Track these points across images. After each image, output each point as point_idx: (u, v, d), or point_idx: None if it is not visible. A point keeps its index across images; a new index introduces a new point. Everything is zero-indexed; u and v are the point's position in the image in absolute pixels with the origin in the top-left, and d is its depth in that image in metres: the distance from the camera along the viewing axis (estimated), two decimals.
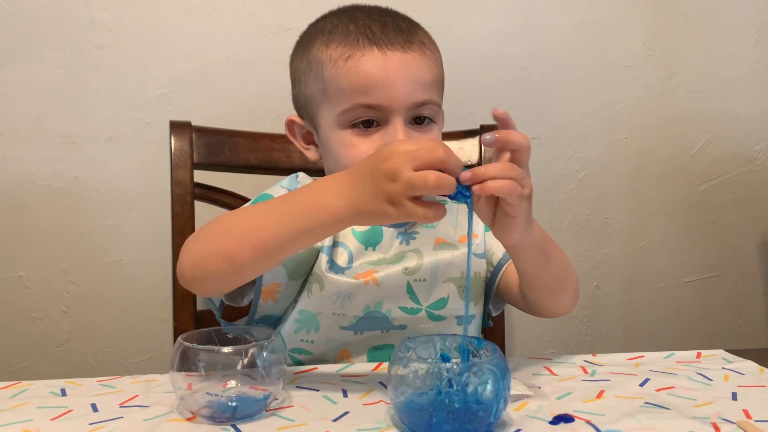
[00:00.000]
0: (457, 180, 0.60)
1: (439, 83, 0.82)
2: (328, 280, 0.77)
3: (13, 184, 1.36)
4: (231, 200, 1.10)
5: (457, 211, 0.72)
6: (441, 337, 0.62)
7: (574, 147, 1.53)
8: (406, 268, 0.80)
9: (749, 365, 0.77)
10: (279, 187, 0.84)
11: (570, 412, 0.63)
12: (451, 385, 0.54)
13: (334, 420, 0.61)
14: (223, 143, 1.10)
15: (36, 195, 1.37)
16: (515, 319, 1.55)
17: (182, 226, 1.06)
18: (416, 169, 0.58)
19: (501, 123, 0.64)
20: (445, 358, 0.61)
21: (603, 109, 1.53)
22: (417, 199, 0.59)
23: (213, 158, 1.09)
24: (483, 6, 1.47)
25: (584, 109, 1.52)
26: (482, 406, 0.55)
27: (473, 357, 0.60)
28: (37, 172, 1.37)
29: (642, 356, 0.80)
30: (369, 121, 0.78)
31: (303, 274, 0.78)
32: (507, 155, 0.63)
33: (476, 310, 0.85)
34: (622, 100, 1.53)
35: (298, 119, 0.85)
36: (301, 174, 0.86)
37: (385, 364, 0.76)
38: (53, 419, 0.62)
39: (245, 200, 1.10)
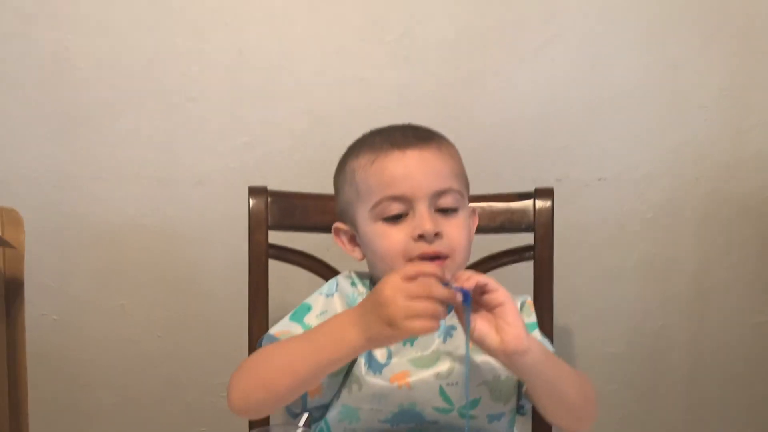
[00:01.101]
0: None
1: (458, 175, 0.92)
2: (365, 382, 0.88)
3: (113, 222, 1.52)
4: (301, 259, 1.21)
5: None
6: None
7: (642, 188, 1.54)
8: (438, 373, 0.88)
9: None
10: (318, 294, 0.95)
11: None
12: None
13: None
14: (295, 207, 1.20)
15: (133, 232, 1.53)
16: (580, 356, 1.59)
17: (258, 283, 1.19)
18: (407, 298, 0.70)
19: None
20: None
21: (673, 150, 1.53)
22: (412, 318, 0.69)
23: (285, 221, 1.20)
24: (551, 49, 1.49)
25: (653, 150, 1.53)
26: None
27: None
28: (135, 212, 1.52)
29: None
30: (397, 216, 0.88)
31: (342, 371, 0.89)
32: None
33: (506, 408, 0.92)
34: (694, 141, 1.53)
35: (342, 225, 0.95)
36: (340, 278, 0.97)
37: None
38: None
39: (313, 259, 1.22)
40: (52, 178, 1.51)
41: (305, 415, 1.04)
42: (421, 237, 0.85)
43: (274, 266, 1.21)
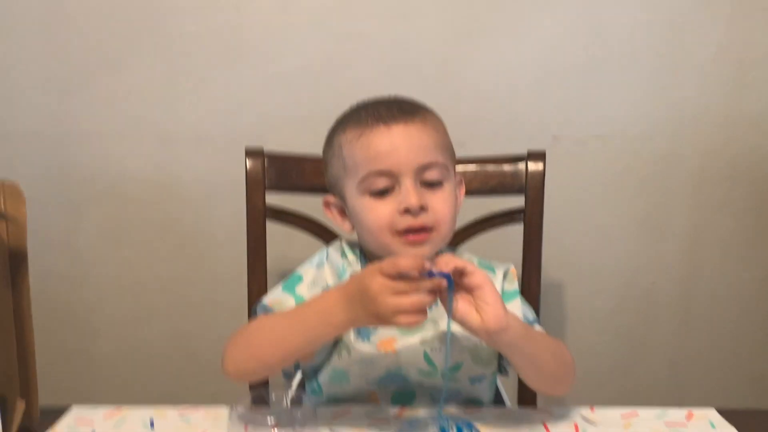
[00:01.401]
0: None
1: (443, 148, 0.93)
2: (354, 348, 0.92)
3: (118, 178, 1.56)
4: (298, 220, 1.24)
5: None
6: (441, 417, 0.75)
7: (638, 145, 1.55)
8: (423, 340, 0.92)
9: None
10: (309, 265, 0.97)
11: None
12: None
13: None
14: (291, 169, 1.22)
15: (137, 188, 1.56)
16: (571, 310, 1.64)
17: (256, 244, 1.22)
18: (394, 295, 0.73)
19: None
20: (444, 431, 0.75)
21: (670, 108, 1.53)
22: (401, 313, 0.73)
23: (282, 182, 1.22)
24: (549, 7, 1.48)
25: (650, 108, 1.53)
26: None
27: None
28: (138, 167, 1.55)
29: (636, 414, 0.90)
30: (383, 191, 0.90)
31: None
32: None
33: (487, 370, 0.97)
34: (691, 99, 1.53)
35: (331, 198, 0.98)
36: (330, 249, 1.00)
37: (408, 408, 0.91)
38: None
39: (310, 220, 1.25)
40: (53, 134, 1.53)
41: (298, 376, 1.09)
42: (406, 211, 0.87)
43: (273, 225, 1.24)
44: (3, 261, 0.82)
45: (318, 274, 0.95)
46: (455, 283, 0.76)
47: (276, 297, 0.93)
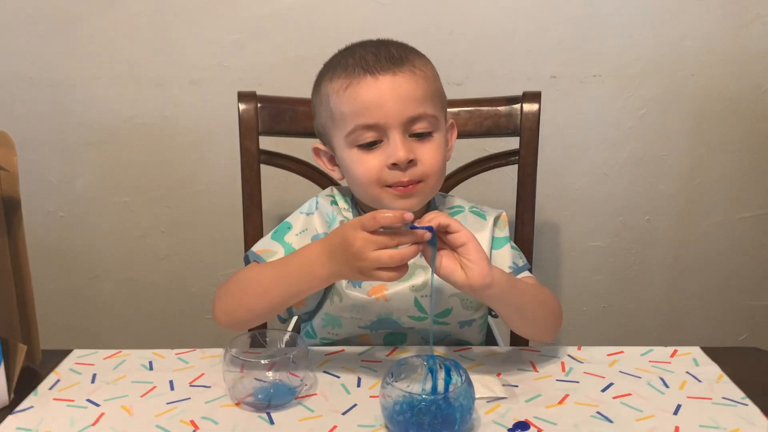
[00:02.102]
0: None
1: (432, 97, 0.90)
2: (345, 295, 0.94)
3: (113, 122, 1.55)
4: (292, 164, 1.24)
5: (463, 222, 0.87)
6: (429, 357, 0.78)
7: (636, 84, 1.53)
8: (413, 286, 0.93)
9: (711, 371, 0.87)
10: (298, 213, 0.98)
11: (530, 418, 0.77)
12: (422, 413, 0.71)
13: (343, 413, 0.79)
14: (285, 112, 1.22)
15: (132, 132, 1.56)
16: (566, 250, 1.65)
17: (251, 189, 1.22)
18: (376, 250, 0.74)
19: None
20: (433, 371, 0.77)
21: (669, 45, 1.51)
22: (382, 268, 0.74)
23: (275, 127, 1.22)
24: None
25: (650, 45, 1.51)
26: (448, 423, 0.71)
27: (454, 373, 0.75)
28: (132, 111, 1.55)
29: (621, 352, 0.92)
30: (372, 143, 0.88)
31: None
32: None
33: (477, 314, 0.98)
34: (691, 36, 1.50)
35: (321, 145, 0.97)
36: (320, 197, 1.00)
37: (399, 348, 0.93)
38: (143, 396, 0.83)
39: (306, 164, 1.25)
40: (47, 78, 1.52)
41: (293, 320, 1.12)
42: (394, 165, 0.87)
43: (268, 169, 1.25)
44: None
45: (307, 222, 0.96)
46: (440, 240, 0.76)
47: (265, 245, 0.94)
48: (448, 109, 1.05)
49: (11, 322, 0.88)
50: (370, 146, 0.88)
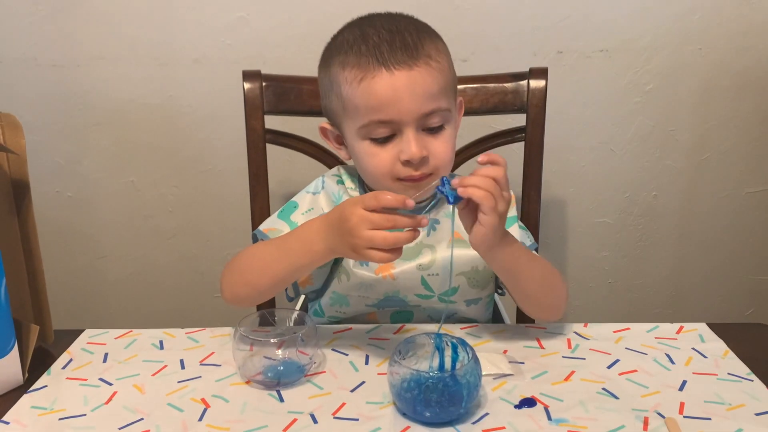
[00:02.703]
0: (449, 184, 0.75)
1: (447, 89, 0.89)
2: (353, 273, 0.94)
3: (118, 102, 1.55)
4: (298, 143, 1.24)
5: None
6: (437, 335, 0.79)
7: (644, 59, 1.52)
8: (420, 265, 0.94)
9: (717, 347, 0.87)
10: (305, 192, 0.98)
11: (536, 395, 0.78)
12: (430, 390, 0.72)
13: (352, 390, 0.80)
14: (290, 91, 1.22)
15: (138, 112, 1.56)
16: (572, 226, 1.65)
17: (257, 169, 1.22)
18: (371, 229, 0.74)
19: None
20: (440, 349, 0.78)
21: (677, 19, 1.49)
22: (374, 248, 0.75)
23: (280, 106, 1.21)
24: None
25: (656, 20, 1.49)
26: (455, 400, 0.72)
27: (461, 350, 0.76)
28: (137, 91, 1.55)
29: (627, 328, 0.92)
30: (385, 137, 0.88)
31: (329, 263, 0.96)
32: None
33: (483, 293, 0.99)
34: (699, 9, 1.48)
35: (328, 125, 0.96)
36: (326, 176, 1.00)
37: (406, 326, 0.94)
38: (153, 374, 0.84)
39: (311, 143, 1.25)
40: (51, 59, 1.52)
41: (301, 299, 1.13)
42: (408, 162, 0.86)
43: (275, 148, 1.25)
44: (7, 191, 0.83)
45: (314, 201, 0.96)
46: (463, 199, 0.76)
47: (272, 224, 0.95)
48: None
49: (23, 303, 0.89)
50: (383, 140, 0.88)
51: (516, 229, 0.96)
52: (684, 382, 0.80)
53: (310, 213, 0.95)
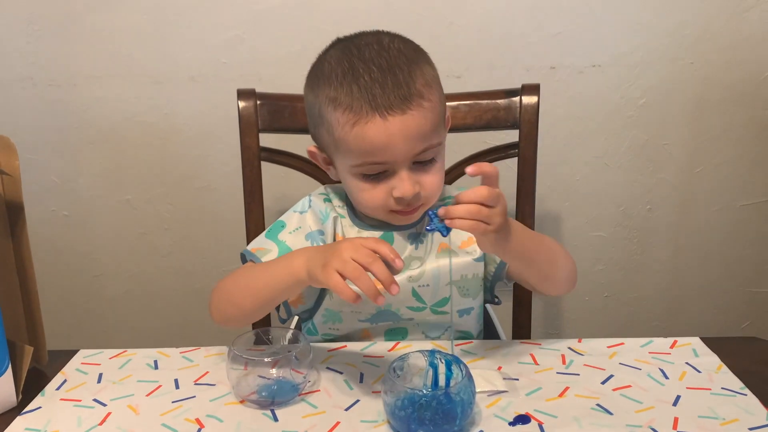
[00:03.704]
0: (436, 215, 0.76)
1: (438, 123, 0.89)
2: None
3: (113, 120, 1.56)
4: (293, 161, 1.24)
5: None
6: (431, 352, 0.79)
7: (636, 74, 1.53)
8: (411, 276, 0.94)
9: (711, 361, 0.87)
10: (292, 212, 0.99)
11: (531, 411, 0.78)
12: (424, 408, 0.72)
13: (346, 409, 0.80)
14: (284, 109, 1.22)
15: (133, 130, 1.57)
16: (567, 240, 1.66)
17: (251, 187, 1.23)
18: (352, 258, 0.74)
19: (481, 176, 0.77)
20: (434, 366, 0.78)
21: (669, 35, 1.51)
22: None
23: (275, 124, 1.22)
24: None
25: (648, 34, 1.51)
26: (449, 418, 0.72)
27: (454, 367, 0.76)
28: (132, 109, 1.55)
29: (621, 343, 0.93)
30: (378, 174, 0.88)
31: None
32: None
33: (475, 303, 1.00)
34: (691, 24, 1.50)
35: (316, 150, 0.96)
36: (312, 195, 1.01)
37: (400, 344, 0.94)
38: (148, 395, 0.84)
39: (306, 160, 1.25)
40: (47, 78, 1.53)
41: (295, 319, 1.13)
42: (400, 198, 0.88)
43: (269, 165, 1.25)
44: (1, 213, 0.83)
45: (301, 221, 0.97)
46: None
47: (260, 244, 0.96)
48: (447, 103, 1.05)
49: (17, 325, 0.89)
50: (375, 176, 0.89)
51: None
52: (678, 397, 0.80)
53: (298, 231, 0.96)
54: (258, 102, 1.21)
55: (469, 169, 0.75)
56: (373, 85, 0.84)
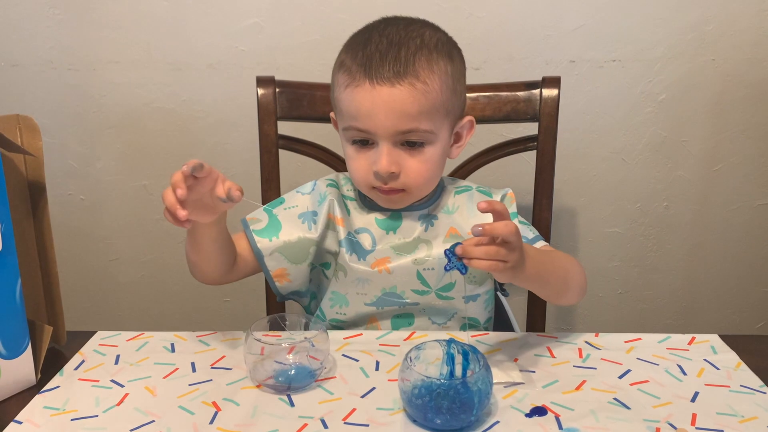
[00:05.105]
0: (454, 253, 0.74)
1: (431, 111, 0.88)
2: (350, 268, 0.96)
3: (132, 106, 1.57)
4: (310, 149, 1.24)
5: (470, 200, 0.96)
6: (448, 342, 0.79)
7: (656, 69, 1.52)
8: (416, 260, 0.95)
9: (729, 359, 0.87)
10: (295, 192, 1.02)
11: (547, 403, 0.77)
12: (440, 397, 0.72)
13: (362, 396, 0.80)
14: (303, 97, 1.22)
15: (151, 116, 1.57)
16: (583, 236, 1.65)
17: (269, 174, 1.23)
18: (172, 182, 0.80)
19: (491, 213, 0.75)
20: (450, 357, 0.78)
21: (690, 30, 1.49)
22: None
23: (293, 112, 1.22)
24: None
25: (670, 30, 1.49)
26: (466, 407, 0.72)
27: (471, 357, 0.76)
28: (151, 96, 1.56)
29: (639, 339, 0.92)
30: (365, 141, 0.91)
31: (303, 260, 0.97)
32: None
33: (481, 290, 0.99)
34: (713, 20, 1.48)
35: (333, 116, 1.00)
36: (320, 179, 1.03)
37: (416, 333, 0.94)
38: (165, 377, 0.85)
39: (323, 149, 1.25)
40: (67, 62, 1.53)
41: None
42: (377, 173, 0.89)
43: (287, 153, 1.25)
44: (23, 193, 0.84)
45: (299, 200, 1.00)
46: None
47: (254, 214, 1.00)
48: (468, 95, 1.05)
49: (38, 304, 0.90)
50: (363, 144, 0.91)
51: (517, 224, 0.97)
52: (696, 394, 0.80)
53: (292, 210, 0.99)
54: (277, 90, 1.21)
55: (481, 205, 0.74)
56: (375, 54, 0.87)
